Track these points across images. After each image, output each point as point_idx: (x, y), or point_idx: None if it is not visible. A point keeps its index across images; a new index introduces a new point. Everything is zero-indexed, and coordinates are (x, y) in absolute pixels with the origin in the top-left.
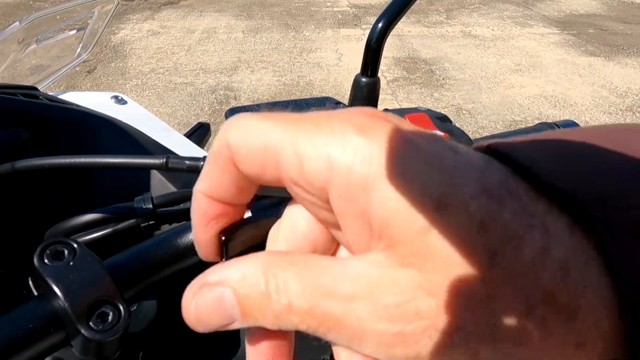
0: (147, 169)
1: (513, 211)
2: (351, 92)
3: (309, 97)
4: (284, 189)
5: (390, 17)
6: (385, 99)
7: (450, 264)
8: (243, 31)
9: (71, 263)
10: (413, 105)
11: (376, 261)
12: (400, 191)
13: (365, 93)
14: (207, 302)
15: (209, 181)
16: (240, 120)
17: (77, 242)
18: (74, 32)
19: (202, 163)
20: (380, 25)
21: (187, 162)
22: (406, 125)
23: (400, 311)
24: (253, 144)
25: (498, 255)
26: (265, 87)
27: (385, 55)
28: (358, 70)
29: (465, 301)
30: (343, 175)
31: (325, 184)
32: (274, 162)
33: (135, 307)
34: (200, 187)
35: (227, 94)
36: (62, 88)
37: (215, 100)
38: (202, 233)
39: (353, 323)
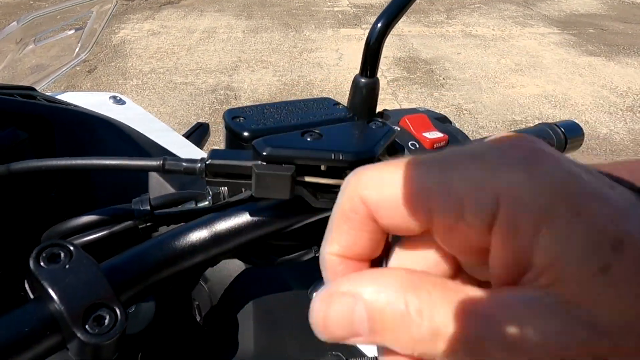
0: (143, 170)
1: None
2: (350, 92)
3: (307, 97)
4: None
5: (390, 17)
6: (386, 99)
7: (629, 306)
8: (243, 31)
9: (67, 266)
10: (413, 105)
11: (538, 297)
12: (574, 229)
13: (365, 93)
14: (336, 312)
15: (343, 241)
16: (369, 172)
17: (73, 245)
18: (72, 31)
19: (199, 165)
20: (379, 25)
21: (184, 163)
22: (564, 157)
23: (575, 353)
24: (394, 195)
25: None
26: (265, 86)
27: (386, 55)
28: (358, 70)
29: None
30: (511, 210)
31: (490, 220)
32: (424, 209)
33: (133, 309)
34: (333, 250)
35: (227, 94)
36: (62, 88)
37: (215, 100)
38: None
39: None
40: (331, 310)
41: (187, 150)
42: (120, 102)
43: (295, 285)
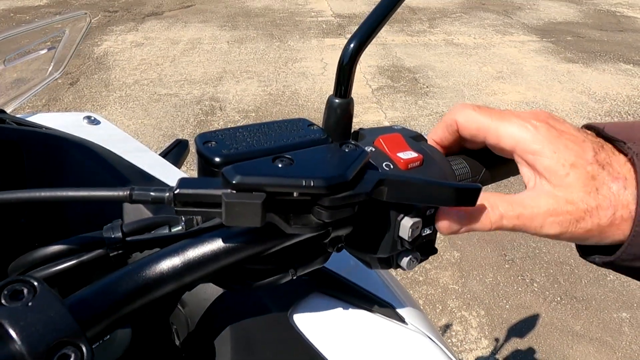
0: (110, 201)
1: (604, 165)
2: (325, 113)
3: (282, 119)
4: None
5: (362, 38)
6: (371, 107)
7: (577, 189)
8: (228, 41)
9: (30, 303)
10: (397, 114)
11: (545, 187)
12: (553, 156)
13: (339, 114)
14: (452, 222)
15: (439, 134)
16: (464, 109)
17: (37, 280)
18: (44, 51)
19: (167, 194)
20: (352, 46)
21: (152, 193)
22: (557, 122)
23: (560, 209)
24: (471, 125)
25: (597, 182)
26: (251, 97)
27: (370, 64)
28: None
29: (584, 195)
30: (522, 146)
31: (512, 150)
32: (482, 136)
33: (108, 336)
34: (434, 137)
35: (212, 105)
36: (43, 101)
37: (200, 111)
38: None
39: (537, 218)
40: (448, 222)
41: (164, 170)
42: (94, 122)
43: (273, 308)
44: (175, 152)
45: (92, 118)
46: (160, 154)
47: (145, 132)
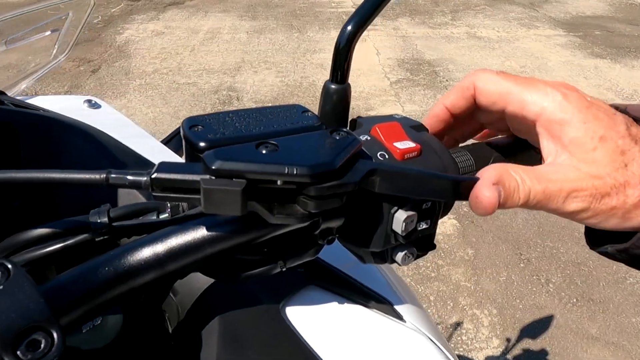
0: (86, 185)
1: (637, 140)
2: (321, 98)
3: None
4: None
5: (360, 21)
6: (388, 101)
7: (604, 165)
8: (247, 32)
9: (1, 287)
10: (415, 107)
11: (566, 161)
12: (582, 127)
13: (335, 100)
14: (489, 197)
15: (451, 99)
16: (485, 73)
17: (12, 262)
18: (48, 33)
19: (145, 178)
20: (349, 29)
21: (129, 177)
22: (586, 95)
23: (585, 185)
24: (492, 89)
25: (626, 157)
26: (268, 87)
27: (389, 57)
28: (361, 71)
29: (612, 171)
30: (548, 115)
31: (535, 120)
32: (503, 103)
33: (99, 321)
34: (445, 101)
35: (229, 95)
36: (65, 88)
37: (217, 101)
38: (433, 123)
39: (562, 193)
40: (484, 197)
41: (162, 157)
42: (95, 105)
43: (265, 300)
44: (177, 139)
45: (93, 102)
46: (162, 141)
47: (163, 121)
